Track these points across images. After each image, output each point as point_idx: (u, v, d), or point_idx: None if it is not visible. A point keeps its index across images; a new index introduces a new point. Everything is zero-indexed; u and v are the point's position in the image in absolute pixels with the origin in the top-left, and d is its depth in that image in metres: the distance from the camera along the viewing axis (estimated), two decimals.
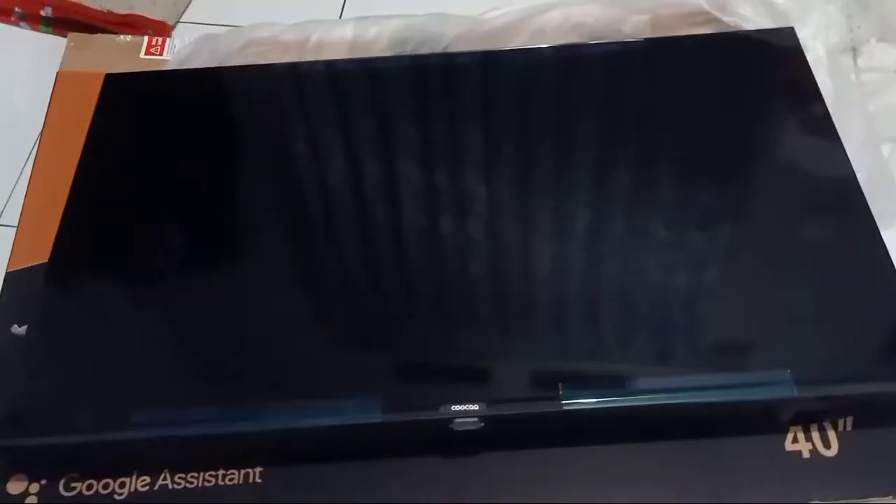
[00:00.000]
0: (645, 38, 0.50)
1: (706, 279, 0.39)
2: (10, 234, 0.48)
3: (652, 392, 0.34)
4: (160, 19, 0.66)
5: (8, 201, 0.61)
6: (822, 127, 0.43)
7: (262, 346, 0.38)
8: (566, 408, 0.34)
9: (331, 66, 0.50)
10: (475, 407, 0.35)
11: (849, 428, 0.36)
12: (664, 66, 0.48)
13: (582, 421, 0.35)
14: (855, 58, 0.60)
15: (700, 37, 0.50)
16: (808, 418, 0.36)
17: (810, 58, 0.48)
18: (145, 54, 0.55)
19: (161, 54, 0.55)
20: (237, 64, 0.53)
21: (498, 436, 0.36)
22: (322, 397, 0.36)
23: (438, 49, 0.53)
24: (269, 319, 0.40)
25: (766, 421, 0.35)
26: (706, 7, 0.50)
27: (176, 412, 0.36)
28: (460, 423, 0.35)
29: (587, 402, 0.34)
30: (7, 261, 0.47)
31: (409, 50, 0.53)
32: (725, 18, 0.50)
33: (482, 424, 0.35)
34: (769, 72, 0.47)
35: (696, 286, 0.39)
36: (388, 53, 0.53)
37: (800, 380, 0.34)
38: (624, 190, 0.43)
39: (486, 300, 0.39)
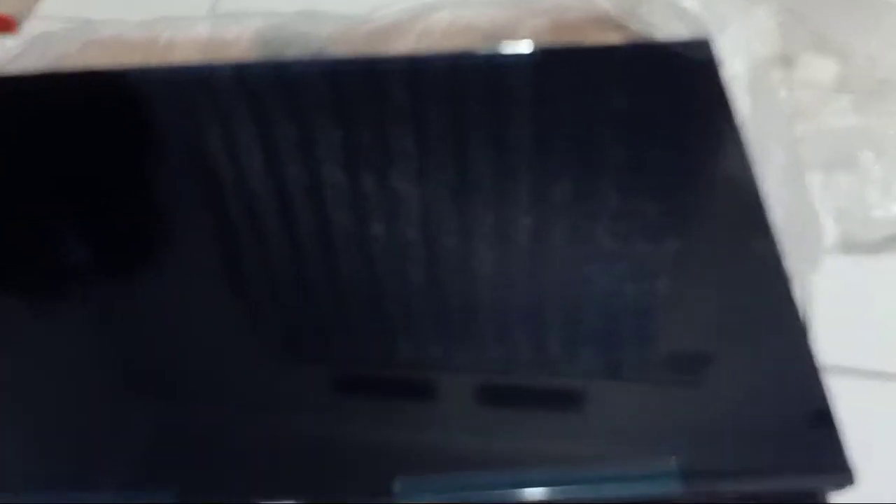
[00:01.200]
0: (539, 48, 0.43)
1: (582, 328, 0.32)
2: None
3: (510, 486, 0.27)
4: (4, 14, 0.57)
5: None
6: (732, 154, 0.37)
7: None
8: None
9: (169, 72, 0.43)
10: (290, 502, 0.28)
11: None
12: (558, 78, 0.42)
13: None
14: (789, 71, 0.54)
15: (602, 48, 0.44)
16: None
17: (728, 73, 0.42)
18: None
19: None
20: (72, 67, 0.45)
21: None
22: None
23: (309, 53, 0.46)
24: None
25: None
26: (613, 13, 0.44)
27: None
28: None
29: (426, 499, 0.27)
30: None
31: (272, 53, 0.45)
32: (634, 26, 0.44)
33: None
34: (677, 88, 0.41)
35: (570, 332, 0.32)
36: (248, 56, 0.46)
37: (687, 472, 0.27)
38: (484, 217, 0.36)
39: (313, 354, 0.32)
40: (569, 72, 0.42)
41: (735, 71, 0.43)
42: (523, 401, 0.30)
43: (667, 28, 0.44)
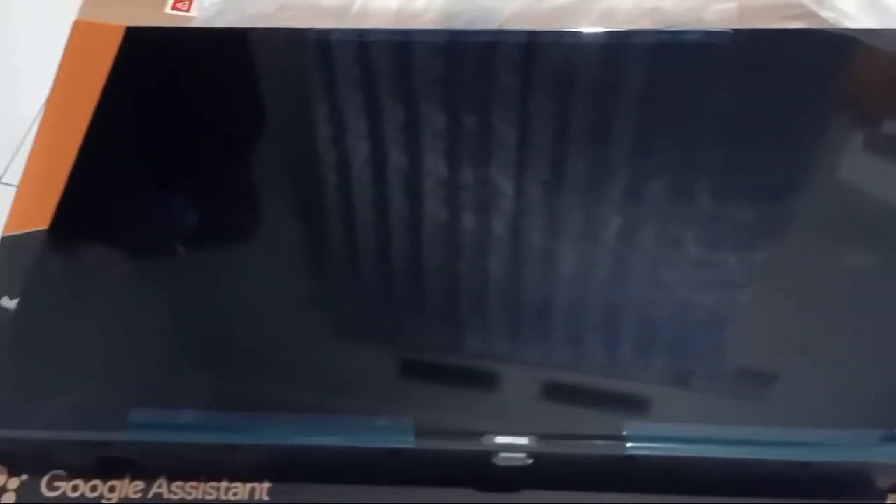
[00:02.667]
0: (731, 29, 0.44)
1: (806, 320, 0.33)
2: (12, 193, 0.43)
3: (735, 444, 0.29)
4: None
5: (13, 159, 0.56)
6: None
7: (279, 349, 0.34)
8: (631, 452, 0.29)
9: (369, 35, 0.45)
10: (523, 441, 0.30)
11: None
12: (749, 62, 0.43)
13: (648, 468, 0.30)
14: None
15: (794, 31, 0.44)
16: None
17: None
18: (171, 9, 0.50)
19: (188, 10, 0.50)
20: (268, 27, 0.48)
21: (547, 475, 0.31)
22: (344, 413, 0.31)
23: (493, 26, 0.48)
24: (288, 317, 0.35)
25: (864, 486, 0.30)
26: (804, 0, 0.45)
27: (177, 416, 0.31)
28: (504, 459, 0.30)
29: (657, 447, 0.29)
30: (4, 223, 0.42)
31: (460, 25, 0.47)
32: (823, 13, 0.45)
33: (530, 461, 0.30)
34: (867, 78, 0.42)
35: (794, 325, 0.33)
36: (436, 27, 0.48)
37: None
38: (689, 202, 0.37)
39: (538, 318, 0.34)
40: (758, 56, 0.43)
41: None
42: None
43: (859, 17, 0.44)
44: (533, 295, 0.35)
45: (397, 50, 0.45)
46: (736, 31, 0.43)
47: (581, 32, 0.45)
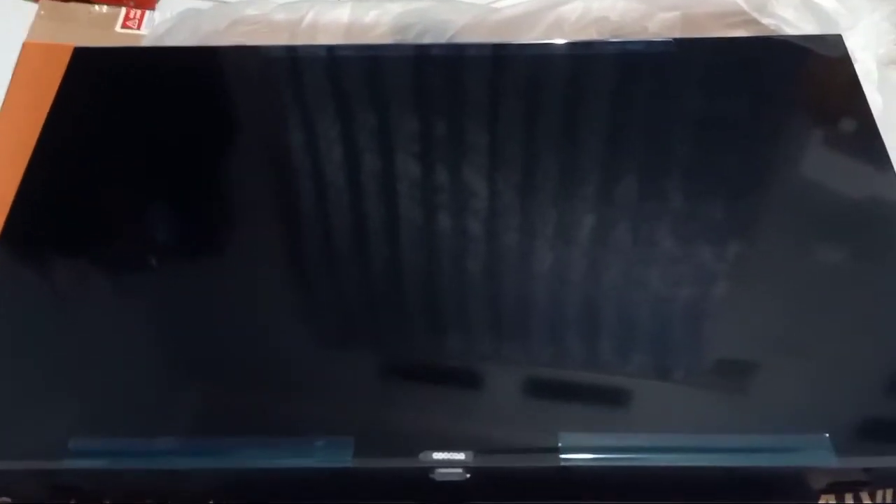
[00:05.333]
0: (673, 38, 0.44)
1: (736, 318, 0.34)
2: None
3: (667, 451, 0.29)
4: None
5: None
6: (870, 147, 0.38)
7: (220, 372, 0.34)
8: (565, 463, 0.29)
9: (322, 51, 0.45)
10: (460, 456, 0.30)
11: (888, 500, 0.31)
12: (693, 70, 0.43)
13: (583, 477, 0.30)
14: None
15: (736, 40, 0.45)
16: (843, 487, 0.31)
17: (858, 69, 0.43)
18: (121, 28, 0.50)
19: (138, 28, 0.50)
20: (221, 44, 0.48)
21: (485, 488, 0.31)
22: (288, 435, 0.31)
23: (443, 39, 0.48)
24: (229, 341, 0.35)
25: (794, 488, 0.31)
26: (744, 7, 0.45)
27: (119, 443, 0.31)
28: (442, 474, 0.30)
29: (590, 457, 0.29)
30: None
31: (410, 38, 0.48)
32: (764, 20, 0.45)
33: (467, 476, 0.30)
34: (812, 82, 0.42)
35: (725, 327, 0.34)
36: (387, 40, 0.48)
37: (840, 447, 0.29)
38: (632, 204, 0.38)
39: (477, 329, 0.35)
40: (702, 64, 0.44)
41: (866, 67, 0.44)
42: None
43: (798, 24, 0.45)
44: (469, 315, 0.35)
45: (351, 65, 0.45)
46: (678, 40, 0.44)
47: (530, 44, 0.46)
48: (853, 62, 0.42)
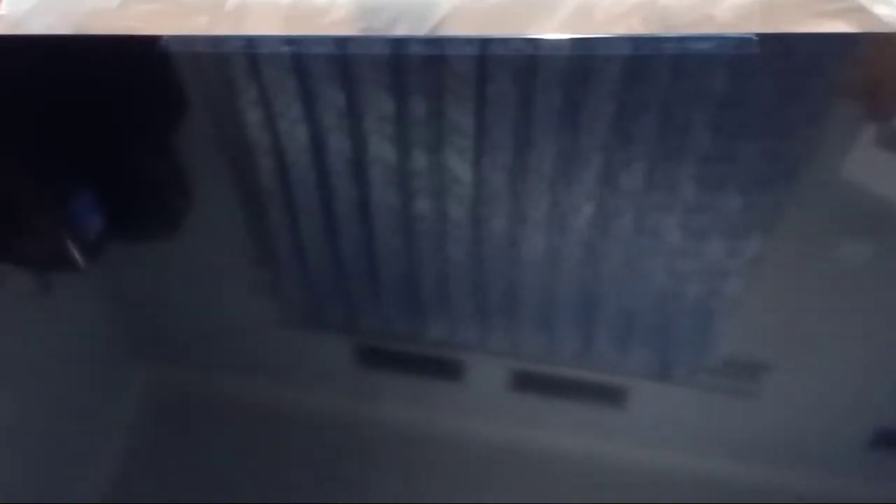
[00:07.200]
0: (755, 34, 0.31)
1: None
2: None
3: None
4: None
5: None
6: None
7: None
8: None
9: (253, 45, 0.31)
10: None
11: None
12: (787, 83, 0.30)
13: None
14: None
15: (841, 37, 0.32)
16: None
17: None
18: None
19: None
20: (106, 31, 0.34)
21: None
22: None
23: (423, 30, 0.34)
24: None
25: None
26: None
27: None
28: None
29: None
30: None
31: (378, 28, 0.34)
32: (876, 9, 0.32)
33: None
34: None
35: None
36: (345, 31, 0.34)
37: None
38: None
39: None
40: (794, 74, 0.30)
41: None
42: None
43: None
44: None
45: (293, 68, 0.31)
46: (762, 37, 0.31)
47: (547, 40, 0.32)
48: None
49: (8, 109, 0.31)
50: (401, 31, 0.34)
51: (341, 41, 0.33)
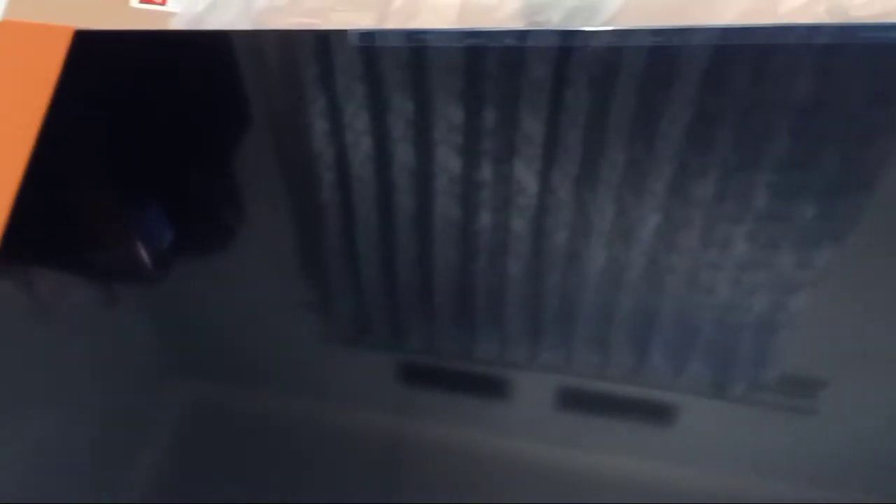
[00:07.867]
0: None
1: None
2: None
3: None
4: None
5: None
6: None
7: None
8: None
9: (426, 40, 0.31)
10: None
11: None
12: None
13: None
14: None
15: None
16: None
17: None
18: (140, 2, 0.36)
19: (163, 3, 0.36)
20: (282, 27, 0.35)
21: None
22: None
23: (595, 24, 0.34)
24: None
25: None
26: None
27: None
28: None
29: None
30: None
31: (549, 22, 0.34)
32: None
33: None
34: None
35: None
36: (516, 26, 0.34)
37: None
38: None
39: None
40: None
41: None
42: None
43: None
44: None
45: (467, 61, 0.31)
46: None
47: (728, 29, 0.31)
48: None
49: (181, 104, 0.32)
50: (574, 25, 0.34)
51: (521, 35, 0.32)
